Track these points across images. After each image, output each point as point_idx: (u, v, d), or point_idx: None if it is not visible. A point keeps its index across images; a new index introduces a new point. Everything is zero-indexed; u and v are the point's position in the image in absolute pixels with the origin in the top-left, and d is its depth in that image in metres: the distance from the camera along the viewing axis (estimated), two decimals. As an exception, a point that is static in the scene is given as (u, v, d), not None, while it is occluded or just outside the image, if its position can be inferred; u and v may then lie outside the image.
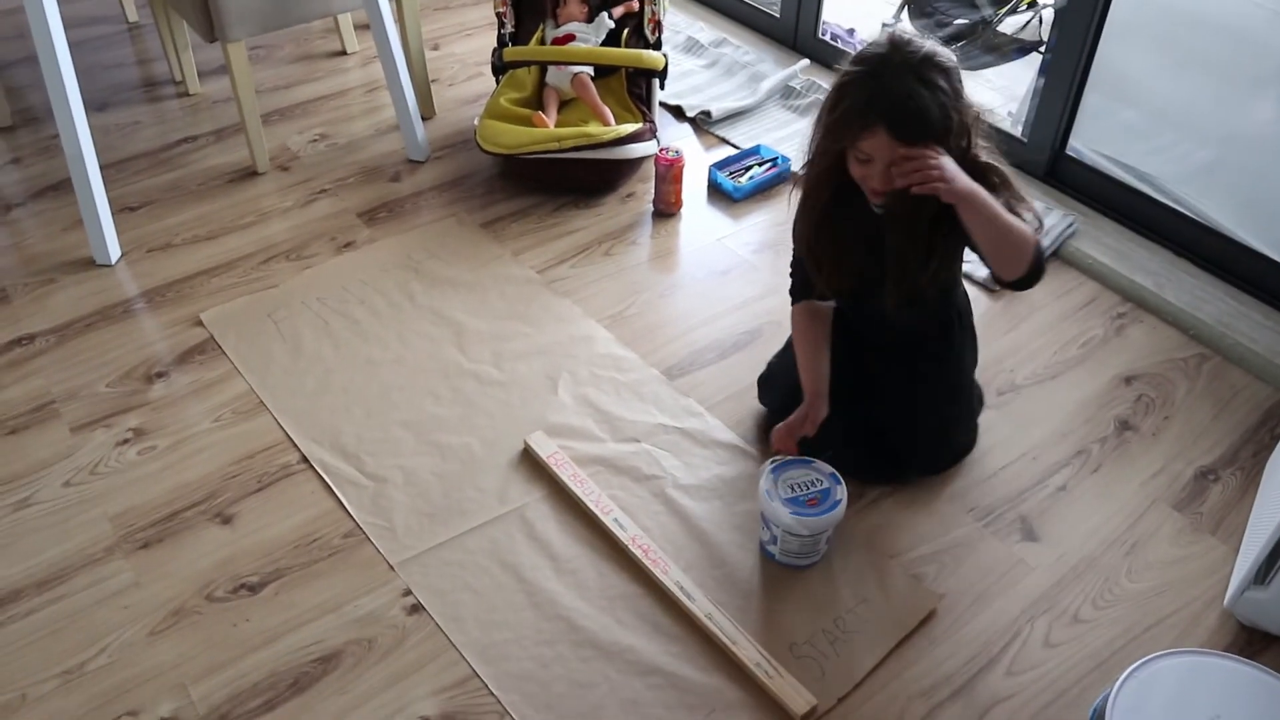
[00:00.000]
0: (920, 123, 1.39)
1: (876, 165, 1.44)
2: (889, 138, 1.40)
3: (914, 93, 1.38)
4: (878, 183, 1.46)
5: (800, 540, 1.55)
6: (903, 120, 1.39)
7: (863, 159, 1.45)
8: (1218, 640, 1.52)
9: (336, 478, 1.74)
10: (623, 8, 2.52)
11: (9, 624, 1.53)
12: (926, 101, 1.38)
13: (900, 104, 1.38)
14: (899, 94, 1.38)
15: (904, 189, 1.44)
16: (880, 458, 1.72)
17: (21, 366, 1.96)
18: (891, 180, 1.45)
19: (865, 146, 1.43)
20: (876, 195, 1.50)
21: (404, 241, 2.27)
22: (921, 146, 1.40)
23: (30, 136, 2.62)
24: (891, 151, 1.41)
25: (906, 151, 1.42)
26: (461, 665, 1.48)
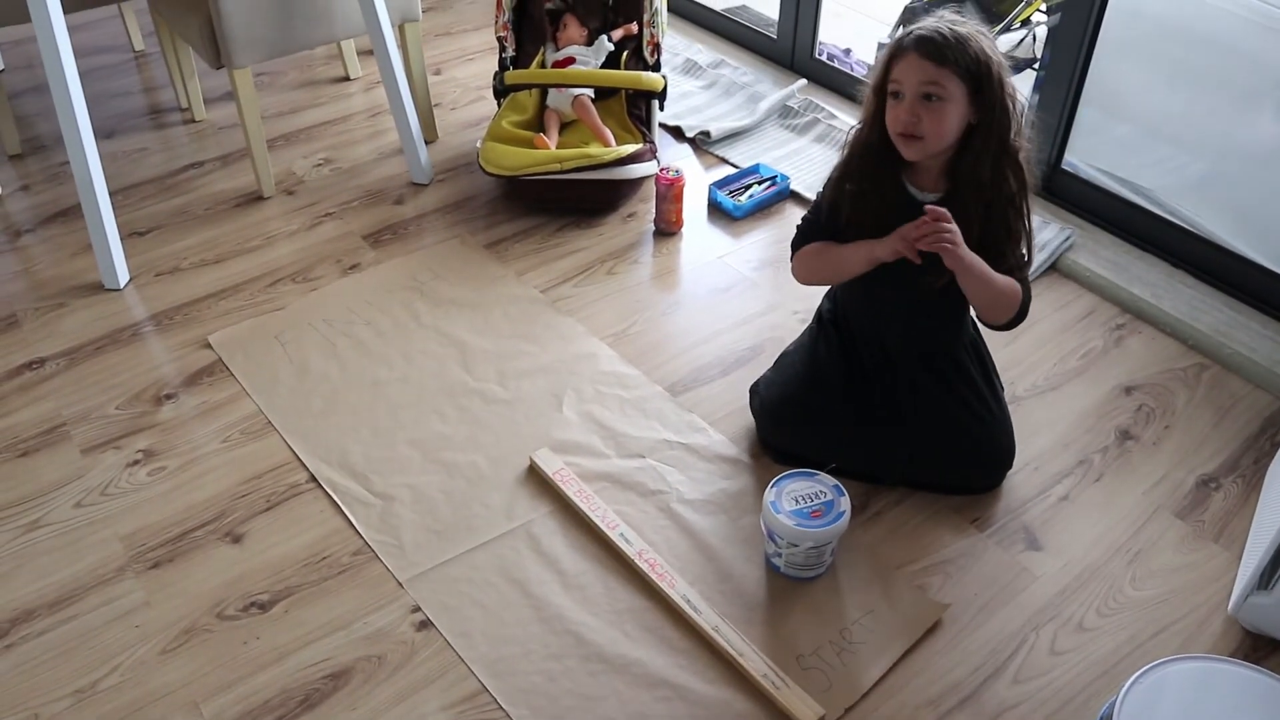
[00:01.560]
0: (948, 47, 1.45)
1: (905, 96, 1.49)
2: (917, 57, 1.46)
3: (949, 28, 1.47)
4: (905, 115, 1.49)
5: (805, 552, 1.56)
6: (930, 40, 1.46)
7: (894, 91, 1.50)
8: (1223, 646, 1.53)
9: (345, 496, 1.76)
10: (622, 30, 2.56)
11: (21, 644, 1.54)
12: (960, 32, 1.46)
13: (932, 30, 1.47)
14: (931, 26, 1.48)
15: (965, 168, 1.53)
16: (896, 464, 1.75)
17: (32, 390, 1.98)
18: (919, 118, 1.48)
19: (895, 74, 1.49)
20: (908, 141, 1.51)
21: (408, 263, 2.29)
22: (945, 67, 1.45)
23: (39, 164, 2.65)
24: (919, 73, 1.47)
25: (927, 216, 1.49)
26: (471, 680, 1.49)
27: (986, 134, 1.50)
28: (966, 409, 1.70)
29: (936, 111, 1.48)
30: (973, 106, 1.50)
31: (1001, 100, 1.49)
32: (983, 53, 1.47)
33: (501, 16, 2.53)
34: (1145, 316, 2.12)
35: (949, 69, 1.46)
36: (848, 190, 1.63)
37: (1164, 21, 2.49)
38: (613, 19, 2.60)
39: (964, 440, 1.71)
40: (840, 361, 1.76)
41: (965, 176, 1.55)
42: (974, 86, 1.48)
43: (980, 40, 1.48)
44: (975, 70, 1.46)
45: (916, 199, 1.60)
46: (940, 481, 1.75)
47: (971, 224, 1.54)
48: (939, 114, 1.48)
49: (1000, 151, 1.52)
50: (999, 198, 1.55)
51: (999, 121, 1.50)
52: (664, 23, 2.52)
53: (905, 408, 1.72)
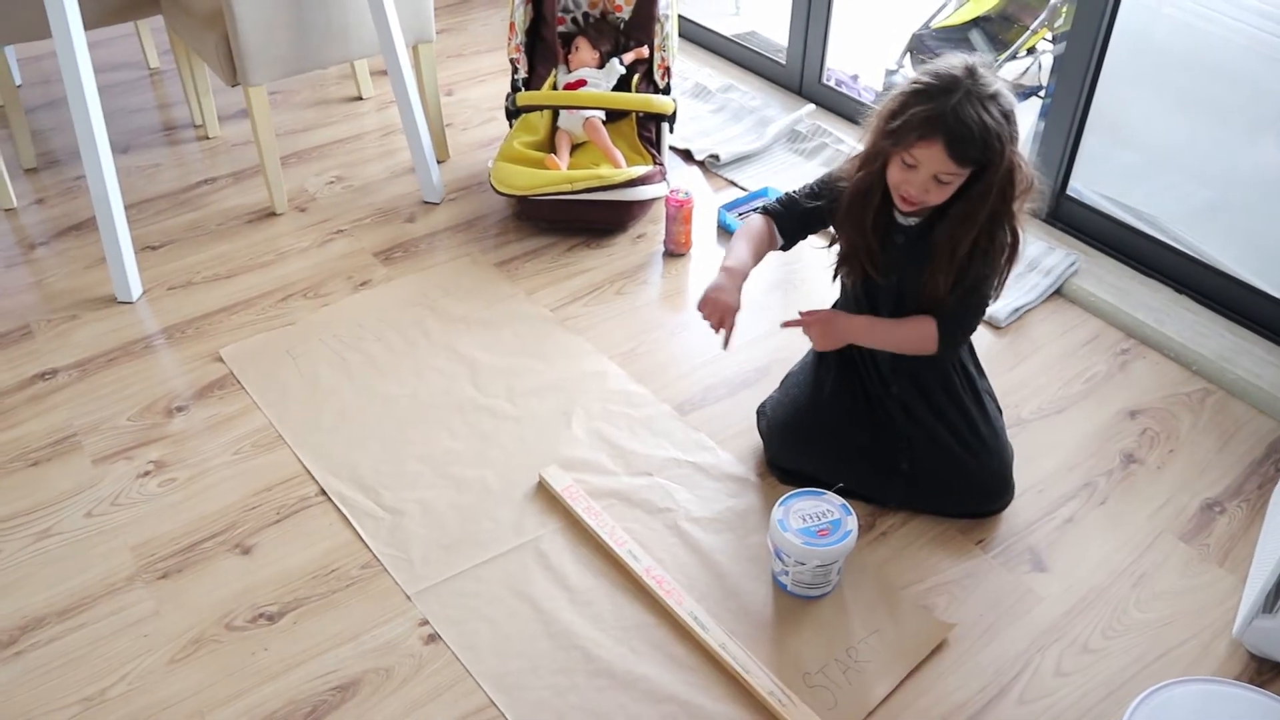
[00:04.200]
0: (975, 147, 1.48)
1: (920, 174, 1.52)
2: (944, 152, 1.48)
3: (979, 119, 1.46)
4: (914, 190, 1.54)
5: (812, 570, 1.57)
6: (961, 140, 1.47)
7: (909, 164, 1.53)
8: (1228, 669, 1.54)
9: (354, 510, 1.77)
10: (633, 54, 2.59)
11: (31, 651, 1.55)
12: (986, 131, 1.47)
13: (963, 125, 1.46)
14: (965, 116, 1.46)
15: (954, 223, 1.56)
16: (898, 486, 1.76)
17: (44, 400, 1.99)
18: (927, 192, 1.53)
19: (917, 153, 1.50)
20: (907, 204, 1.58)
21: (419, 280, 2.31)
22: (963, 167, 1.50)
23: (52, 178, 2.68)
24: (940, 165, 1.49)
25: (801, 319, 1.69)
26: (478, 694, 1.50)
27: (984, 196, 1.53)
28: (957, 437, 1.71)
29: (942, 190, 1.54)
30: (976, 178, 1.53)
31: (1003, 179, 1.52)
32: (999, 140, 1.48)
33: (514, 39, 2.57)
34: (1149, 341, 2.13)
35: (968, 165, 1.50)
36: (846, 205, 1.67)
37: (1168, 50, 2.52)
38: (624, 42, 2.63)
39: (956, 470, 1.72)
40: (842, 383, 1.77)
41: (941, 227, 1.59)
42: (983, 168, 1.52)
43: (1002, 124, 1.48)
44: (986, 160, 1.50)
45: (899, 223, 1.65)
46: (938, 508, 1.76)
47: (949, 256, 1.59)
48: (943, 191, 1.54)
49: (993, 214, 1.54)
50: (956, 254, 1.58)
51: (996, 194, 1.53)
52: (675, 47, 2.55)
53: (901, 431, 1.74)
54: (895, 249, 1.66)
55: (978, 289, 1.63)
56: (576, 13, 2.68)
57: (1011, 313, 2.18)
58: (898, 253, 1.66)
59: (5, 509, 1.78)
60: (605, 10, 2.67)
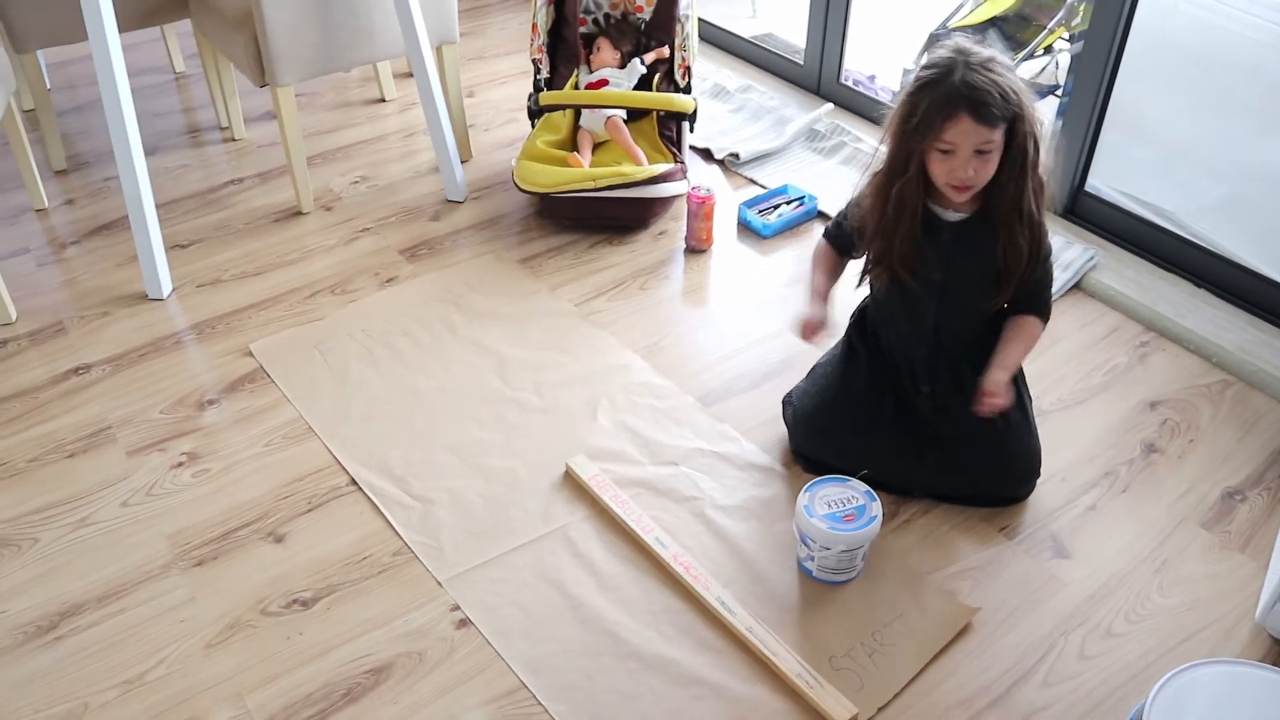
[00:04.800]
0: (997, 105, 1.51)
1: (960, 155, 1.54)
2: (972, 122, 1.51)
3: (989, 79, 1.51)
4: (962, 172, 1.56)
5: (837, 555, 1.59)
6: (982, 104, 1.50)
7: (946, 150, 1.55)
8: (1251, 653, 1.55)
9: (384, 499, 1.80)
10: (654, 54, 2.62)
11: (71, 636, 1.58)
12: (1002, 85, 1.51)
13: (978, 90, 1.50)
14: (975, 84, 1.51)
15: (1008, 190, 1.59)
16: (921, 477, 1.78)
17: (79, 394, 2.03)
18: (975, 171, 1.55)
19: (949, 136, 1.53)
20: (961, 191, 1.59)
21: (445, 277, 2.34)
22: (996, 129, 1.52)
23: (81, 180, 2.72)
24: (975, 137, 1.52)
25: (983, 407, 1.65)
26: (509, 677, 1.52)
27: (1019, 160, 1.57)
28: (990, 424, 1.73)
29: (987, 162, 1.56)
30: (1011, 136, 1.56)
31: (1031, 130, 1.56)
32: (1015, 94, 1.53)
33: (537, 39, 2.60)
34: (1169, 334, 2.15)
35: (999, 127, 1.53)
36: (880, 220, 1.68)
37: (1186, 48, 2.54)
38: (645, 43, 2.66)
39: (991, 452, 1.74)
40: (871, 373, 1.79)
41: (999, 199, 1.61)
42: (1010, 126, 1.55)
43: (1009, 77, 1.54)
44: (1013, 115, 1.54)
45: (942, 219, 1.66)
46: (968, 494, 1.78)
47: (1000, 240, 1.62)
48: (989, 163, 1.57)
49: (1035, 165, 1.59)
50: (1025, 212, 1.61)
51: (1030, 148, 1.57)
52: (695, 47, 2.58)
53: (934, 421, 1.76)
54: (942, 245, 1.67)
55: (1040, 253, 1.67)
56: (598, 14, 2.71)
57: (1031, 306, 2.20)
58: (944, 248, 1.67)
59: (43, 499, 1.81)
60: (626, 11, 2.71)
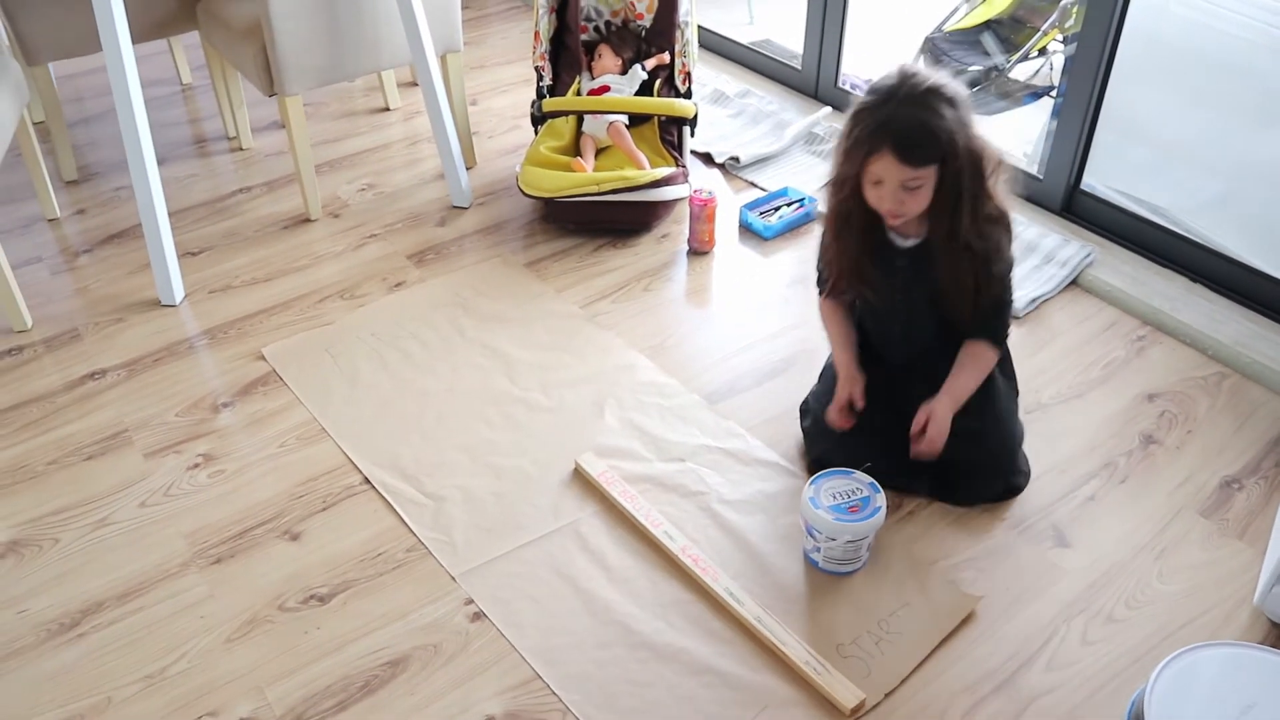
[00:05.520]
0: (922, 146, 1.51)
1: (887, 187, 1.56)
2: (895, 160, 1.51)
3: (918, 118, 1.50)
4: (889, 204, 1.57)
5: (843, 546, 1.63)
6: (907, 143, 1.51)
7: (875, 181, 1.56)
8: (1250, 636, 1.58)
9: (398, 497, 1.83)
10: (655, 60, 2.66)
11: (93, 633, 1.62)
12: (930, 126, 1.50)
13: (904, 128, 1.50)
14: (903, 119, 1.50)
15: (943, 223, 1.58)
16: (924, 477, 1.80)
17: (95, 399, 2.07)
18: (902, 202, 1.56)
19: (874, 169, 1.54)
20: (892, 217, 1.61)
21: (452, 281, 2.38)
22: (923, 169, 1.52)
23: (91, 190, 2.76)
24: (898, 173, 1.52)
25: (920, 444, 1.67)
26: (524, 668, 1.56)
27: (951, 197, 1.57)
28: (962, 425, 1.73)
29: (917, 196, 1.56)
30: (943, 172, 1.55)
31: (969, 162, 1.54)
32: (947, 131, 1.50)
33: (539, 47, 2.64)
34: (1165, 328, 2.19)
35: (925, 167, 1.53)
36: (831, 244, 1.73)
37: (1178, 48, 2.58)
38: (646, 49, 2.70)
39: (971, 451, 1.75)
40: (871, 376, 1.82)
41: (934, 232, 1.63)
42: (944, 161, 1.54)
43: (945, 114, 1.50)
44: (944, 152, 1.52)
45: (896, 245, 1.69)
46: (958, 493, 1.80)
47: (949, 263, 1.63)
48: (918, 197, 1.56)
49: (974, 197, 1.57)
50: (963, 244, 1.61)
51: (963, 185, 1.55)
52: (694, 53, 2.62)
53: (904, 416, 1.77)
54: (898, 272, 1.69)
55: (992, 270, 1.65)
56: (599, 21, 2.76)
57: (1029, 303, 2.24)
58: (902, 275, 1.69)
59: (62, 501, 1.84)
60: (627, 19, 2.75)
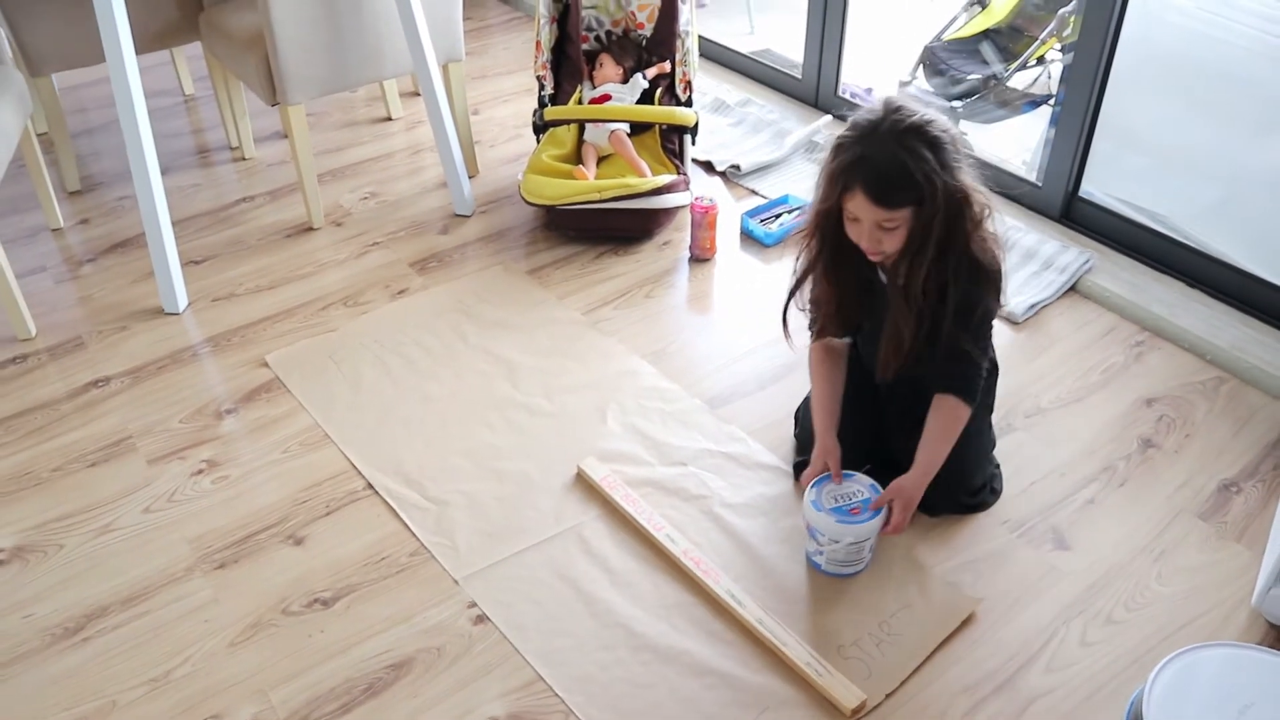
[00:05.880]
0: (895, 189, 1.47)
1: (864, 225, 1.53)
2: (867, 201, 1.49)
3: (893, 160, 1.46)
4: (866, 242, 1.55)
5: (846, 548, 1.64)
6: (880, 184, 1.47)
7: (851, 218, 1.55)
8: (1248, 638, 1.59)
9: (401, 502, 1.84)
10: (655, 69, 2.68)
11: (98, 637, 1.62)
12: (904, 169, 1.46)
13: (878, 169, 1.47)
14: (878, 160, 1.47)
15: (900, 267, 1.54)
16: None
17: (99, 406, 2.08)
18: (879, 241, 1.53)
19: (849, 206, 1.53)
20: (870, 254, 1.58)
21: (454, 288, 2.40)
22: (897, 210, 1.48)
23: (94, 200, 2.78)
24: (871, 213, 1.50)
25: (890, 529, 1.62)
26: (526, 670, 1.56)
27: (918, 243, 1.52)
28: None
29: (893, 235, 1.53)
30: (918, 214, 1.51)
31: (947, 209, 1.49)
32: (924, 173, 1.45)
33: (540, 56, 2.66)
34: (1164, 334, 2.20)
35: (901, 209, 1.49)
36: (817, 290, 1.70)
37: (1174, 56, 2.60)
38: (647, 58, 2.72)
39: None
40: (856, 393, 1.81)
41: (892, 277, 1.59)
42: (919, 204, 1.49)
43: (925, 156, 1.45)
44: (919, 195, 1.47)
45: (879, 277, 1.67)
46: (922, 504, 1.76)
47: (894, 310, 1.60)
48: (895, 237, 1.53)
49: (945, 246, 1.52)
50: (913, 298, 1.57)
51: (943, 225, 1.50)
52: (695, 61, 2.64)
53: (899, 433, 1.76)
54: (878, 304, 1.65)
55: (968, 324, 1.58)
56: (600, 31, 2.78)
57: (1028, 309, 2.25)
58: (880, 306, 1.65)
59: (67, 507, 1.85)
60: (628, 28, 2.77)
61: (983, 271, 1.57)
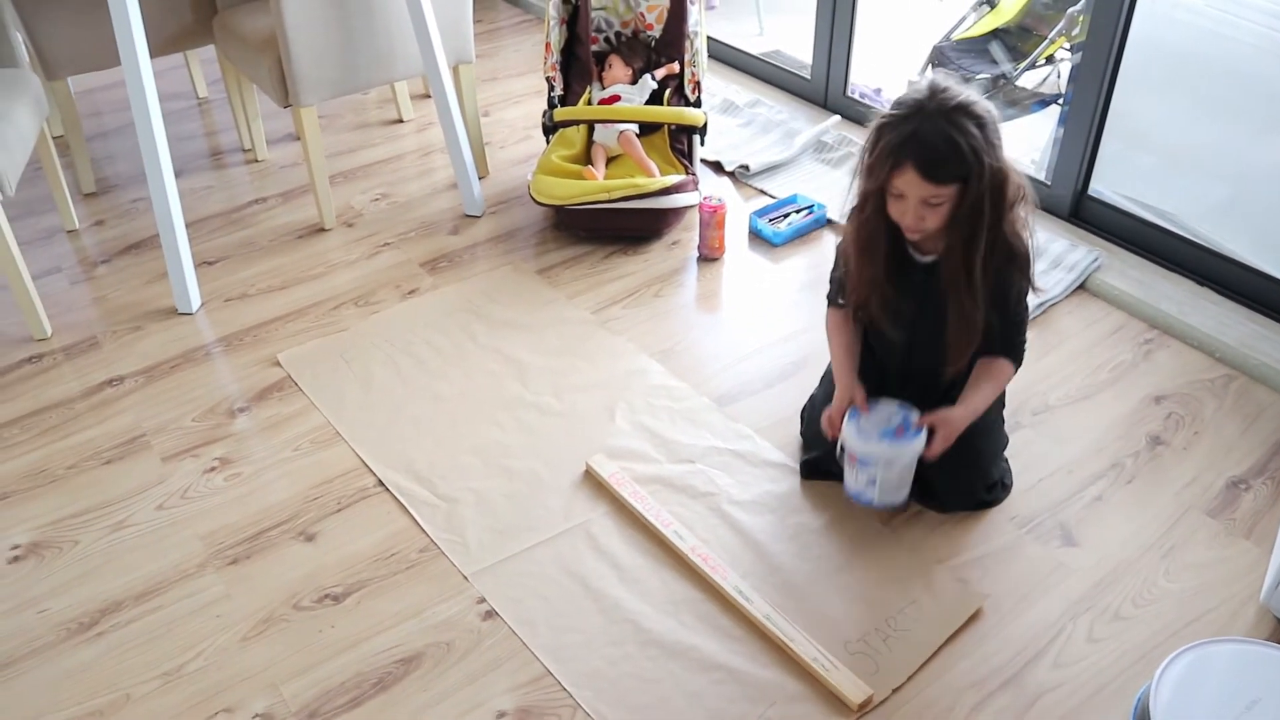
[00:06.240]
0: (945, 164, 1.50)
1: (909, 201, 1.55)
2: (917, 176, 1.51)
3: (943, 136, 1.49)
4: (910, 219, 1.57)
5: (901, 470, 1.66)
6: (929, 161, 1.50)
7: (896, 194, 1.57)
8: (1256, 634, 1.59)
9: (411, 499, 1.86)
10: (664, 69, 2.69)
11: (111, 632, 1.64)
12: (955, 145, 1.49)
13: (928, 146, 1.50)
14: (928, 136, 1.50)
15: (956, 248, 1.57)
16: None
17: (114, 404, 2.10)
18: (923, 218, 1.56)
19: (897, 183, 1.54)
20: (911, 232, 1.61)
21: (465, 288, 2.41)
22: (944, 186, 1.51)
23: (109, 202, 2.80)
24: (920, 190, 1.52)
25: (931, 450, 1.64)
26: (535, 665, 1.58)
27: (969, 220, 1.55)
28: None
29: (937, 211, 1.55)
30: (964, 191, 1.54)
31: (992, 186, 1.52)
32: (974, 152, 1.49)
33: (550, 58, 2.68)
34: (1172, 331, 2.20)
35: (948, 185, 1.52)
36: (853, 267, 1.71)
37: (1182, 54, 2.60)
38: (656, 59, 2.73)
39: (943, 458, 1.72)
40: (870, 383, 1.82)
41: (947, 257, 1.61)
42: (966, 180, 1.53)
43: (972, 133, 1.49)
44: (967, 171, 1.51)
45: (915, 260, 1.69)
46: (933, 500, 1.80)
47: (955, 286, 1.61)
48: (939, 211, 1.56)
49: (993, 222, 1.56)
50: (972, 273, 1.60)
51: (984, 208, 1.54)
52: (704, 62, 2.65)
53: None
54: (914, 287, 1.68)
55: (1007, 305, 1.65)
56: (609, 32, 2.79)
57: (1037, 306, 2.25)
58: (918, 291, 1.68)
59: (81, 504, 1.88)
60: (637, 29, 2.78)
61: (1018, 254, 1.62)
